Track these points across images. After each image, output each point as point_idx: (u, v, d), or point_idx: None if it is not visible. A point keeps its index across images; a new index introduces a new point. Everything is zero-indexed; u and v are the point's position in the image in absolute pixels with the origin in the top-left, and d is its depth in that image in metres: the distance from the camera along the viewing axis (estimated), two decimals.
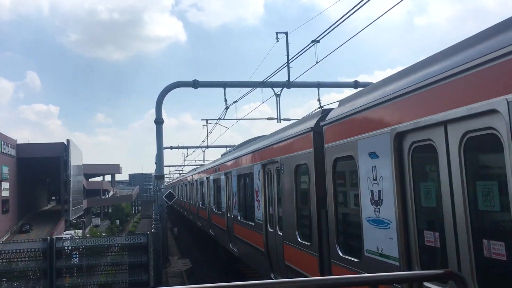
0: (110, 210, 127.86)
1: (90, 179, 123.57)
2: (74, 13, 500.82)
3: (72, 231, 64.08)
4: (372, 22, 12.65)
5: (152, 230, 17.36)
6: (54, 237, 13.16)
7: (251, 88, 23.17)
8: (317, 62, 17.88)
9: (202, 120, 37.31)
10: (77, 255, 12.91)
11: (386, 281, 3.41)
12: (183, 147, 55.35)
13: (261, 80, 21.85)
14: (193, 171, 34.92)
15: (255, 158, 13.02)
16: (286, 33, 21.37)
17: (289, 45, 21.07)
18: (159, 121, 23.79)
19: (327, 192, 7.71)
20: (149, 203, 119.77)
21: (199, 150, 53.46)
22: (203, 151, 53.67)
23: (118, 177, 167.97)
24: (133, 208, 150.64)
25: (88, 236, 41.33)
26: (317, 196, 8.16)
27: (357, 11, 11.89)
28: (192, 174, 34.37)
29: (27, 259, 12.37)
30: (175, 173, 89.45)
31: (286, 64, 20.85)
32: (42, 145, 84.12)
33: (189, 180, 34.82)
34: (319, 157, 8.07)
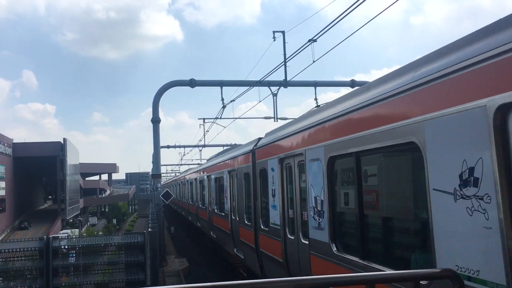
0: (106, 209, 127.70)
1: (86, 178, 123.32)
2: (71, 11, 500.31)
3: (68, 230, 63.96)
4: (369, 21, 12.67)
5: (149, 229, 17.35)
6: (51, 236, 13.13)
7: (248, 87, 23.17)
8: (314, 61, 17.90)
9: (199, 119, 37.24)
10: (74, 254, 12.90)
11: (382, 280, 3.43)
12: (180, 146, 55.29)
13: (258, 79, 21.86)
14: (192, 169, 34.39)
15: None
16: (283, 32, 21.36)
17: (286, 44, 21.08)
18: (156, 120, 23.76)
19: (257, 190, 12.44)
20: (146, 202, 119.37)
21: (196, 149, 53.48)
22: (200, 150, 53.68)
23: (114, 176, 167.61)
24: (130, 207, 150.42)
25: (84, 235, 41.26)
26: (254, 193, 12.74)
27: (354, 10, 11.91)
28: (191, 172, 33.65)
29: (23, 258, 12.36)
30: (172, 173, 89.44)
31: (283, 63, 20.83)
32: (38, 144, 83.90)
33: (188, 178, 33.82)
34: (255, 169, 12.65)
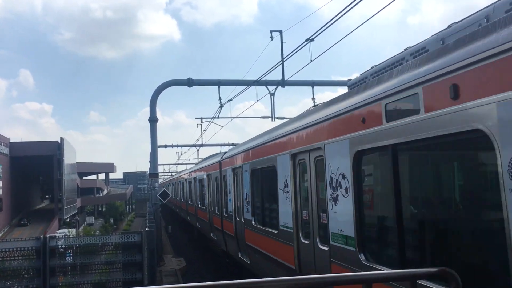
0: (104, 209, 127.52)
1: (84, 178, 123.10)
2: (68, 11, 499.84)
3: (65, 230, 63.88)
4: (366, 21, 12.65)
5: (146, 229, 17.34)
6: (48, 235, 13.10)
7: (246, 87, 23.17)
8: (311, 61, 17.89)
9: (196, 118, 37.28)
10: (71, 254, 12.87)
11: (379, 279, 3.43)
12: (177, 146, 55.25)
13: (255, 78, 21.86)
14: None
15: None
16: (280, 32, 21.36)
17: (283, 43, 21.09)
18: (153, 120, 23.72)
19: (223, 190, 17.40)
20: (143, 201, 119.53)
21: (194, 148, 53.43)
22: (198, 150, 53.66)
23: (112, 176, 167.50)
24: (127, 206, 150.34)
25: (82, 235, 41.20)
26: (220, 191, 17.91)
27: (351, 10, 11.89)
28: (190, 171, 33.02)
29: (20, 258, 12.31)
30: (169, 172, 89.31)
31: (281, 62, 20.84)
32: (35, 144, 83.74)
33: (186, 178, 33.12)
34: (221, 174, 17.84)
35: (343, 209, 6.89)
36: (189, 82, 23.65)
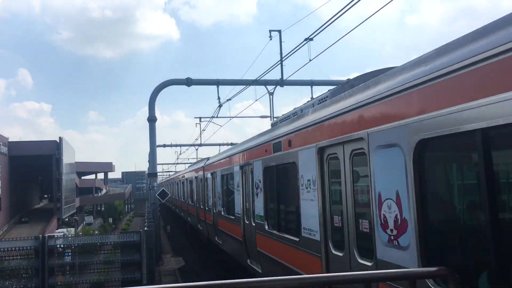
0: (103, 208, 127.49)
1: (82, 177, 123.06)
2: (66, 10, 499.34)
3: (64, 229, 63.86)
4: (364, 20, 12.67)
5: (145, 228, 17.33)
6: (47, 235, 13.09)
7: (245, 86, 23.18)
8: (310, 60, 17.91)
9: (195, 118, 37.34)
10: (70, 253, 12.85)
11: (380, 279, 3.43)
12: (176, 145, 55.29)
13: (254, 78, 21.86)
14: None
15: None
16: (279, 31, 21.40)
17: (282, 43, 21.12)
18: (152, 119, 23.74)
19: (205, 189, 21.33)
20: (142, 201, 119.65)
21: (192, 148, 53.46)
22: (196, 149, 53.67)
23: (111, 175, 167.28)
24: (126, 206, 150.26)
25: (80, 234, 41.15)
26: (204, 190, 21.57)
27: (349, 9, 11.91)
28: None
29: (19, 257, 12.29)
30: (168, 171, 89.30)
31: (280, 62, 20.85)
32: (34, 143, 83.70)
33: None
34: (207, 176, 20.58)
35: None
36: (188, 82, 23.66)
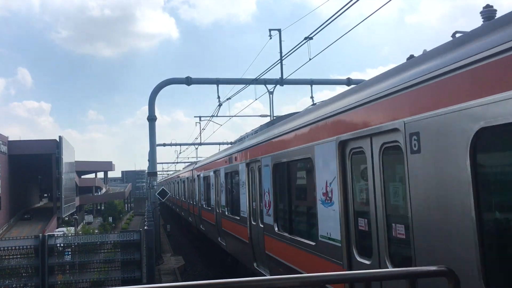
0: (102, 207, 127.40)
1: (82, 176, 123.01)
2: (65, 9, 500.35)
3: (64, 229, 63.73)
4: (364, 19, 12.65)
5: (145, 227, 17.33)
6: (46, 234, 13.09)
7: (244, 85, 23.16)
8: (310, 59, 17.89)
9: (195, 117, 37.42)
10: (70, 253, 12.86)
11: (379, 278, 3.43)
12: (176, 144, 55.23)
13: (254, 77, 21.85)
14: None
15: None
16: (279, 30, 21.38)
17: (282, 42, 21.11)
18: (152, 118, 23.73)
19: (195, 187, 26.28)
20: (142, 200, 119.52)
21: (192, 147, 53.46)
22: (196, 148, 53.66)
23: (110, 174, 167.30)
24: (126, 205, 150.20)
25: (80, 234, 41.10)
26: (193, 189, 26.48)
27: (349, 8, 11.89)
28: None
29: (19, 256, 12.30)
30: (168, 171, 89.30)
31: (279, 61, 20.84)
32: (34, 142, 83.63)
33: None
34: (194, 177, 25.88)
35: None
36: (188, 81, 23.65)
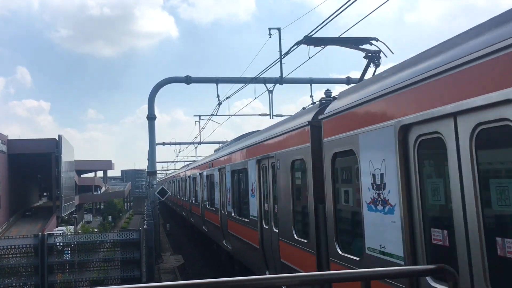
0: (102, 206, 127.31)
1: (82, 175, 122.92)
2: (64, 8, 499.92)
3: (63, 227, 63.70)
4: (363, 18, 12.61)
5: (145, 226, 17.33)
6: (46, 233, 13.09)
7: (244, 84, 23.13)
8: (309, 58, 17.85)
9: (194, 116, 37.49)
10: (69, 252, 12.86)
11: (379, 276, 3.42)
12: (175, 143, 55.23)
13: (253, 76, 21.82)
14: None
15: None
16: (278, 29, 21.34)
17: (281, 41, 21.09)
18: (151, 117, 23.71)
19: (190, 186, 27.50)
20: (142, 199, 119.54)
21: (192, 146, 53.42)
22: (196, 147, 53.62)
23: (110, 173, 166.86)
24: (126, 204, 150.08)
25: (80, 232, 41.07)
26: (188, 187, 26.78)
27: (349, 7, 11.85)
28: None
29: (18, 255, 12.29)
30: (167, 170, 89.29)
31: (279, 60, 20.81)
32: (33, 141, 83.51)
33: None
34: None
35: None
36: (187, 80, 23.63)
